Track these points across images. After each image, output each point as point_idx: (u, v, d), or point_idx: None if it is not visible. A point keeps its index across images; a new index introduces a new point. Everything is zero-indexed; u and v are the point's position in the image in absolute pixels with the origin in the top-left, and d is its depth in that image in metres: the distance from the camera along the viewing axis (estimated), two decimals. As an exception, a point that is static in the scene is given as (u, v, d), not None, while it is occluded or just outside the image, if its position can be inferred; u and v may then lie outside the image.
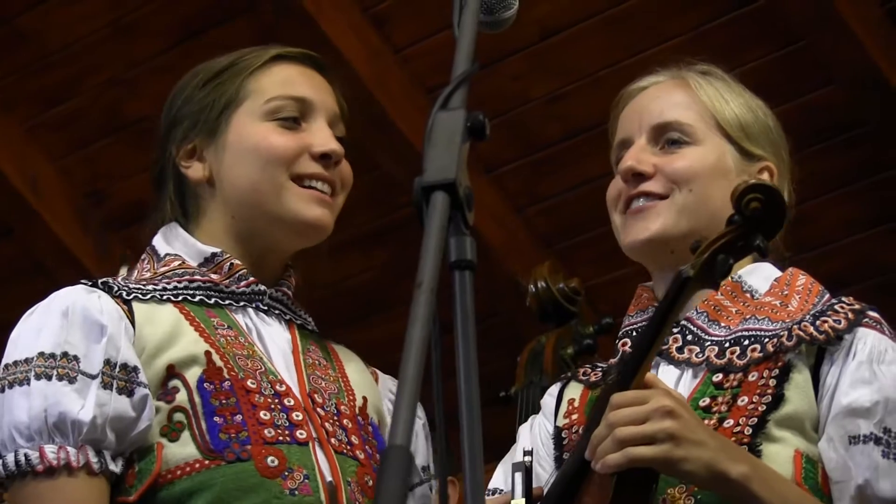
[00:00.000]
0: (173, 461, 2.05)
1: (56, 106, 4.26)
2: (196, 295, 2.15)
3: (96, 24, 4.08)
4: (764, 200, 2.01)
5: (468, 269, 1.41)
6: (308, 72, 2.26)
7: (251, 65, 2.24)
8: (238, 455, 2.04)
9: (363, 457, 2.13)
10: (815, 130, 3.86)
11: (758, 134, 2.22)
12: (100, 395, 2.02)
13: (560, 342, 2.58)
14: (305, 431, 2.08)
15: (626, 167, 2.20)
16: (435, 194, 1.41)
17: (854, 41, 3.66)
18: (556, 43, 3.90)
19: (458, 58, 1.54)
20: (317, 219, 2.19)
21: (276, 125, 2.20)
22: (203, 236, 2.21)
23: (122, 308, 2.10)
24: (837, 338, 2.08)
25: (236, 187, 2.19)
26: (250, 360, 2.11)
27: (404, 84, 4.01)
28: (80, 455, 2.01)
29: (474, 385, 1.38)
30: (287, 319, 2.22)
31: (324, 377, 2.18)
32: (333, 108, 2.25)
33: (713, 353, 2.12)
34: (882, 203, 3.95)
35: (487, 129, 1.49)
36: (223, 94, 2.22)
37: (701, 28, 3.77)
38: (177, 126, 2.24)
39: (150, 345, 2.08)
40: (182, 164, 2.23)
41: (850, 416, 2.05)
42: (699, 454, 1.96)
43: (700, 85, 2.22)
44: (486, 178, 4.13)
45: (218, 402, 2.06)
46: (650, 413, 1.96)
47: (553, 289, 2.44)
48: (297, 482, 2.05)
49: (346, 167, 2.24)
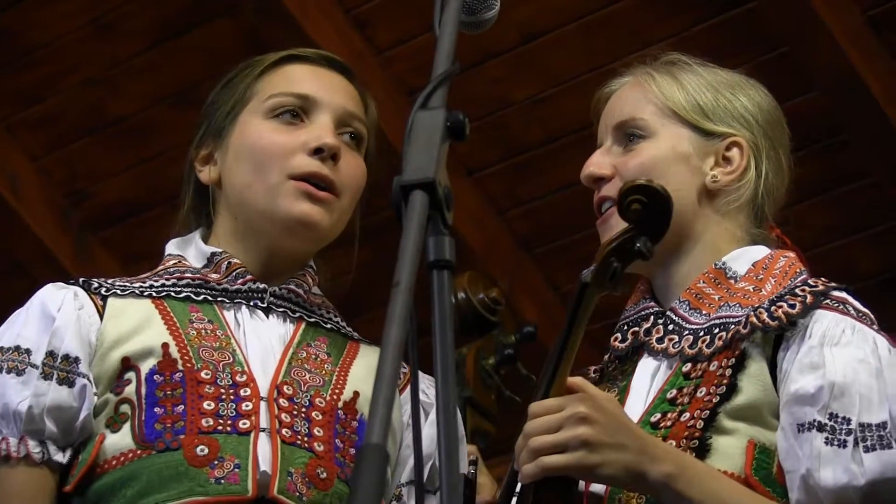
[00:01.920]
0: (111, 451, 2.07)
1: (35, 105, 4.24)
2: (182, 291, 2.16)
3: (76, 23, 4.06)
4: (645, 202, 1.99)
5: (447, 268, 1.41)
6: (319, 70, 2.25)
7: (261, 64, 2.24)
8: (168, 444, 2.05)
9: (322, 449, 2.12)
10: (795, 137, 3.85)
11: (720, 111, 2.22)
12: (38, 385, 2.06)
13: (481, 353, 2.60)
14: (250, 421, 2.08)
15: (585, 174, 2.25)
16: (414, 193, 1.41)
17: (835, 48, 3.67)
18: (538, 46, 3.90)
19: (438, 57, 1.54)
20: (304, 214, 2.17)
21: (275, 123, 2.19)
22: (214, 238, 2.23)
23: (95, 303, 2.12)
24: (791, 323, 2.04)
25: (235, 187, 2.20)
26: (218, 351, 2.12)
27: (386, 86, 4.00)
28: (21, 445, 2.04)
29: (451, 385, 1.38)
30: (297, 316, 2.20)
31: (311, 370, 2.18)
32: (344, 105, 2.22)
33: (687, 344, 2.11)
34: (862, 210, 3.95)
35: (467, 128, 1.49)
36: (232, 96, 2.23)
37: (682, 33, 3.77)
38: (198, 130, 2.27)
39: (109, 338, 2.11)
40: (197, 169, 2.24)
41: (798, 403, 2.01)
42: (617, 457, 1.95)
43: (653, 78, 2.24)
44: (467, 181, 4.13)
45: (163, 393, 2.08)
46: (563, 420, 1.95)
47: (473, 300, 2.44)
48: (226, 471, 2.05)
49: (348, 165, 2.21)
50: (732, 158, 2.21)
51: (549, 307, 4.29)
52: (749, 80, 2.29)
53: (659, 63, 2.28)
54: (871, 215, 3.96)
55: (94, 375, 2.10)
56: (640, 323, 2.18)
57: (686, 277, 2.17)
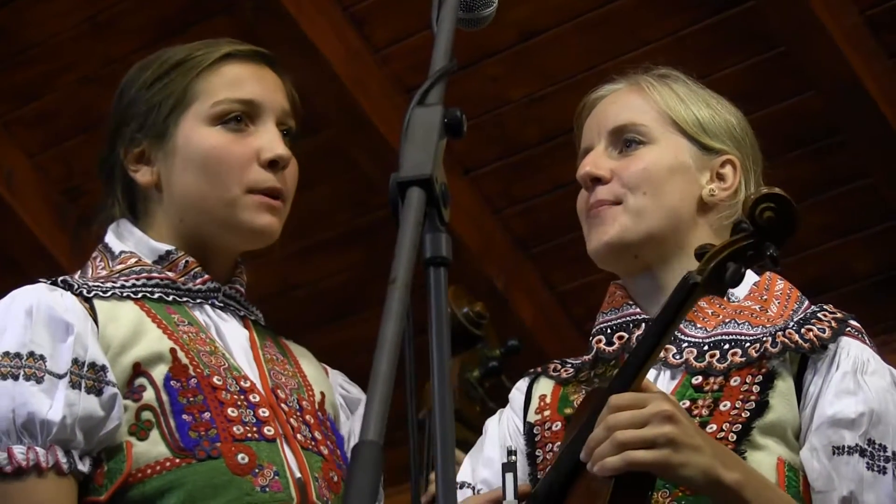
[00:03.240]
0: (143, 460, 2.03)
1: (32, 102, 4.24)
2: (155, 292, 2.14)
3: (72, 21, 4.06)
4: (777, 210, 2.01)
5: (443, 265, 1.41)
6: (257, 70, 2.23)
7: (199, 64, 2.20)
8: (209, 453, 2.03)
9: (327, 452, 2.12)
10: (792, 137, 3.86)
11: (717, 129, 2.24)
12: (68, 394, 2.01)
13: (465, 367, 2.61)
14: (273, 428, 2.08)
15: (583, 173, 2.24)
16: (410, 190, 1.41)
17: (833, 48, 3.67)
18: (535, 45, 3.89)
19: (435, 54, 1.54)
20: (267, 226, 2.17)
21: (223, 130, 2.18)
22: (155, 235, 2.19)
23: (84, 306, 2.08)
24: (822, 346, 2.08)
25: (184, 194, 2.17)
26: (213, 356, 2.10)
27: (383, 84, 4.00)
28: (49, 455, 2.00)
29: (447, 384, 1.38)
30: (241, 316, 2.21)
31: (283, 372, 2.18)
32: (283, 105, 2.22)
33: (692, 356, 2.12)
34: (858, 211, 3.95)
35: (464, 125, 1.48)
36: (171, 95, 2.19)
37: (679, 33, 3.77)
38: (125, 126, 2.22)
39: (114, 343, 2.07)
40: (130, 168, 2.21)
41: (835, 427, 2.04)
42: (697, 460, 1.96)
43: (654, 87, 2.25)
44: (463, 180, 4.12)
45: (186, 399, 2.05)
46: (650, 417, 1.96)
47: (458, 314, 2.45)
48: (268, 479, 2.04)
49: (291, 170, 2.21)
50: (726, 176, 2.23)
51: (545, 306, 4.29)
52: (730, 103, 2.31)
53: (654, 74, 2.29)
54: (866, 216, 3.96)
55: None
56: (629, 329, 2.19)
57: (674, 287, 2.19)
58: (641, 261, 2.19)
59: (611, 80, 2.31)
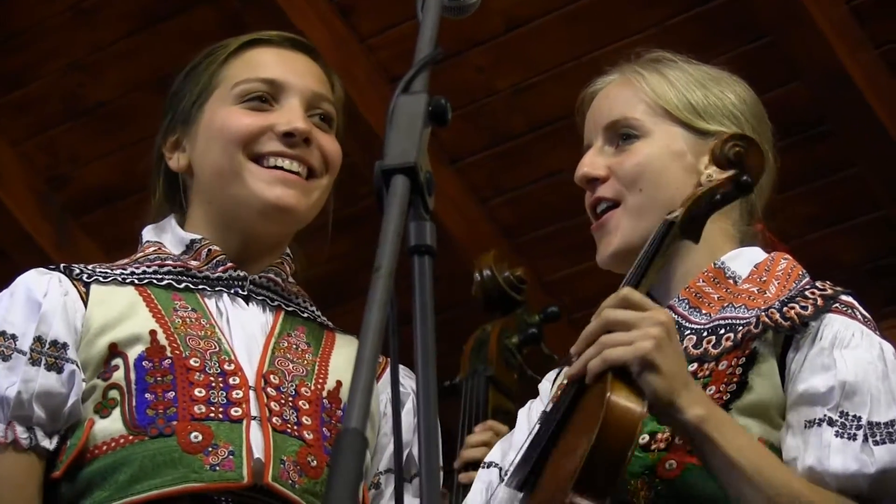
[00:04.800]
0: (101, 437, 2.06)
1: (16, 90, 4.22)
2: (164, 279, 2.16)
3: (57, 8, 4.05)
4: (745, 147, 2.07)
5: (427, 254, 1.40)
6: (284, 53, 2.24)
7: (225, 51, 2.24)
8: (161, 431, 2.05)
9: (311, 437, 2.12)
10: (778, 127, 3.84)
11: (712, 109, 2.23)
12: (27, 371, 2.05)
13: (505, 331, 2.57)
14: (241, 409, 2.09)
15: (579, 174, 2.25)
16: (395, 178, 1.41)
17: (819, 38, 3.67)
18: (521, 35, 3.89)
19: (420, 42, 1.54)
20: (278, 199, 2.17)
21: (243, 107, 2.19)
22: (190, 225, 2.23)
23: (79, 289, 2.12)
24: (803, 324, 2.07)
25: (206, 173, 2.21)
26: (204, 340, 2.12)
27: (370, 73, 3.99)
28: (8, 431, 2.04)
29: (432, 371, 1.37)
30: (275, 305, 2.20)
31: (294, 360, 2.18)
32: (312, 88, 2.22)
33: (690, 343, 2.11)
34: (844, 200, 3.96)
35: (449, 113, 1.48)
36: (198, 83, 2.23)
37: (666, 22, 3.77)
38: (164, 118, 2.27)
39: (95, 324, 2.10)
40: (167, 156, 2.25)
41: (807, 403, 2.03)
42: (670, 375, 1.94)
43: (643, 77, 2.24)
44: (449, 169, 4.12)
45: (153, 379, 2.08)
46: (642, 319, 1.96)
47: (499, 277, 2.42)
48: (221, 458, 2.05)
49: (327, 146, 2.23)
50: None
51: (532, 296, 4.28)
52: (731, 76, 2.29)
53: (644, 60, 2.28)
54: (853, 206, 3.96)
55: (80, 361, 2.10)
56: None
57: (685, 276, 2.18)
58: None
59: (605, 72, 2.31)
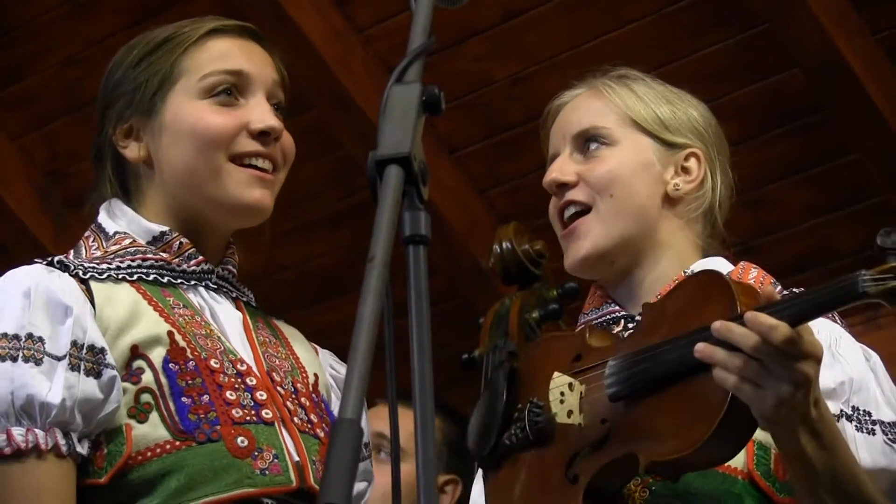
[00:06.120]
0: (143, 443, 2.03)
1: (14, 84, 4.22)
2: (150, 274, 2.13)
3: (55, 2, 4.04)
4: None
5: (422, 243, 1.41)
6: (245, 44, 2.22)
7: (186, 40, 2.20)
8: (209, 436, 2.03)
9: (322, 435, 2.12)
10: (775, 114, 3.86)
11: (678, 124, 2.29)
12: (68, 377, 2.01)
13: (525, 306, 2.55)
14: (270, 411, 2.08)
15: (549, 180, 2.30)
16: (389, 168, 1.41)
17: (816, 25, 3.66)
18: (519, 24, 3.89)
19: (413, 31, 1.54)
20: (257, 201, 2.16)
21: (211, 103, 2.16)
22: (147, 214, 2.18)
23: (81, 287, 2.07)
24: None
25: (174, 169, 2.16)
26: (209, 339, 2.10)
27: (367, 64, 3.99)
28: (49, 438, 2.00)
29: (427, 361, 1.37)
30: (234, 297, 2.21)
31: (276, 355, 2.17)
32: (272, 77, 2.21)
33: None
34: (840, 188, 3.96)
35: (442, 102, 1.48)
36: (158, 72, 2.18)
37: (662, 10, 3.76)
38: (112, 105, 2.21)
39: (112, 325, 2.06)
40: (119, 144, 2.20)
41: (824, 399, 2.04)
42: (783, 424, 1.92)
43: (613, 89, 2.30)
44: (448, 160, 4.12)
45: (185, 382, 2.05)
46: (803, 353, 1.90)
47: (518, 250, 2.40)
48: (267, 462, 2.04)
49: (287, 140, 2.21)
50: (691, 169, 2.28)
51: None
52: (692, 96, 2.35)
53: (612, 76, 2.33)
54: (850, 193, 3.96)
55: None
56: (610, 325, 2.24)
57: (654, 284, 2.23)
58: (618, 266, 2.25)
59: (571, 86, 2.37)
